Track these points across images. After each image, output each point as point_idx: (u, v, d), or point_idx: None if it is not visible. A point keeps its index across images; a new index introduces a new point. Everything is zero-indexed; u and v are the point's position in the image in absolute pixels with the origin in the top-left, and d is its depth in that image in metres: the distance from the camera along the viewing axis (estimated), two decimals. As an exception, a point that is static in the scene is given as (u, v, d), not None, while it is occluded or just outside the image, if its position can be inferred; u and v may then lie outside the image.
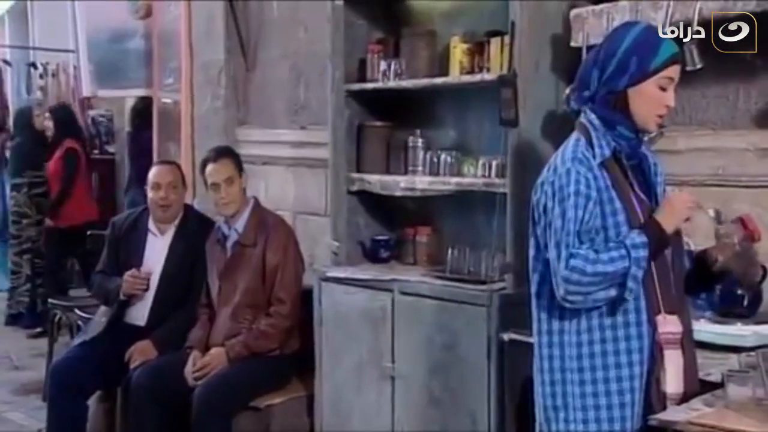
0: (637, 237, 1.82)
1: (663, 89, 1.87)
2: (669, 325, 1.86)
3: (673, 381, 1.86)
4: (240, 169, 3.42)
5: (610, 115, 1.89)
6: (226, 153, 3.48)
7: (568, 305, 1.85)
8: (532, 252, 1.96)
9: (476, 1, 3.13)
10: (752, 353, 1.83)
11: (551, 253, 1.85)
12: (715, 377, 1.98)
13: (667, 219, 1.85)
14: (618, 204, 1.86)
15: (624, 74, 1.87)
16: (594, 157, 1.88)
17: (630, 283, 1.80)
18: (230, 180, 3.35)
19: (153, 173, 3.63)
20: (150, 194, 3.58)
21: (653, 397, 1.85)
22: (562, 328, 1.91)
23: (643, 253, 1.80)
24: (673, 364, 1.86)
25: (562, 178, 1.86)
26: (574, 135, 1.94)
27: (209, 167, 3.39)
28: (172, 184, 3.57)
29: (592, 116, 1.91)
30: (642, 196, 1.91)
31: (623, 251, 1.80)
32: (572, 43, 2.65)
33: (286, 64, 4.17)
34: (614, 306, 1.85)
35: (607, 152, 1.89)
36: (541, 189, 1.91)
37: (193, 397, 3.13)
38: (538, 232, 1.92)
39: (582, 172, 1.85)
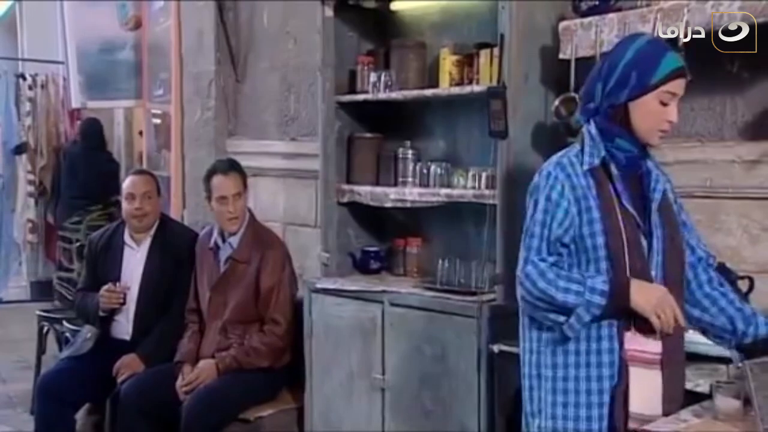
0: (600, 284, 1.79)
1: (664, 104, 1.85)
2: (637, 342, 1.83)
3: (637, 400, 1.82)
4: (245, 185, 3.39)
5: (609, 128, 1.88)
6: (236, 167, 3.41)
7: (522, 304, 1.89)
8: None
9: (466, 13, 3.15)
10: (740, 364, 1.84)
11: (521, 251, 1.89)
12: (703, 388, 1.98)
13: (640, 298, 1.79)
14: (596, 214, 1.85)
15: (624, 88, 1.85)
16: (582, 164, 1.88)
17: (572, 321, 1.79)
18: (238, 195, 3.32)
19: (127, 184, 3.62)
20: (124, 205, 3.57)
21: (616, 414, 1.82)
22: (541, 336, 1.92)
23: (598, 300, 1.78)
24: (640, 382, 1.82)
25: (541, 180, 1.89)
26: (575, 144, 1.96)
27: (218, 179, 3.33)
28: (147, 195, 3.56)
29: (591, 126, 1.91)
30: (629, 209, 1.87)
31: (580, 288, 1.79)
32: (561, 56, 2.67)
33: (276, 75, 4.18)
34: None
35: (596, 161, 1.88)
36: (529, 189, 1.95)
37: (182, 409, 3.11)
38: None
39: (560, 177, 1.86)
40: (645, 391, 1.83)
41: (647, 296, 1.80)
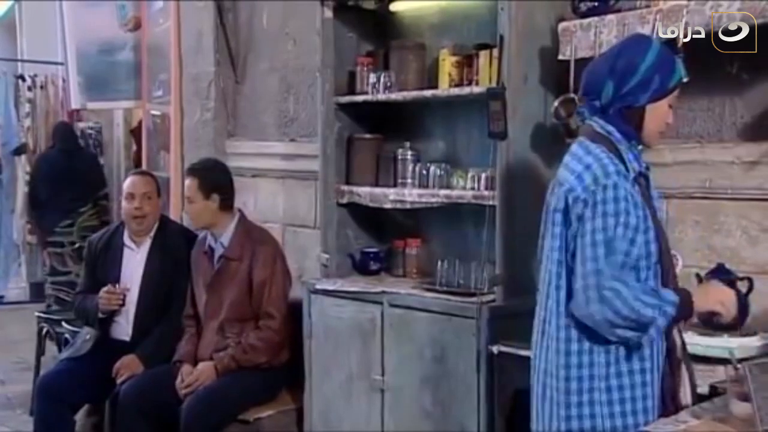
0: (670, 294, 1.82)
1: (671, 107, 1.92)
2: (681, 340, 1.92)
3: (688, 394, 1.91)
4: (207, 188, 3.34)
5: (627, 130, 1.89)
6: (192, 171, 3.43)
7: (587, 320, 1.83)
8: (554, 267, 1.90)
9: (465, 14, 3.15)
10: (739, 365, 1.84)
11: (586, 265, 1.80)
12: (702, 389, 1.99)
13: (701, 301, 1.88)
14: (650, 222, 1.85)
15: (646, 91, 1.87)
16: (628, 171, 1.86)
17: (652, 331, 1.80)
18: (190, 198, 3.36)
19: (127, 184, 3.62)
20: (124, 205, 3.57)
21: (669, 411, 1.87)
22: (591, 348, 1.88)
23: (671, 311, 1.80)
24: (686, 378, 1.91)
25: (608, 191, 1.80)
26: (593, 145, 1.88)
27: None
28: (147, 195, 3.56)
29: (611, 128, 1.89)
30: (655, 208, 1.94)
31: (656, 300, 1.80)
32: (560, 56, 2.67)
33: (275, 76, 4.18)
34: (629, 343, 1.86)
35: (637, 167, 1.89)
36: (571, 196, 1.84)
37: (181, 410, 3.11)
38: (569, 240, 1.86)
39: (627, 188, 1.82)
40: (687, 385, 1.92)
41: (707, 295, 1.91)
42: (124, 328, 3.53)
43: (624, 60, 1.88)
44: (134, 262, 3.56)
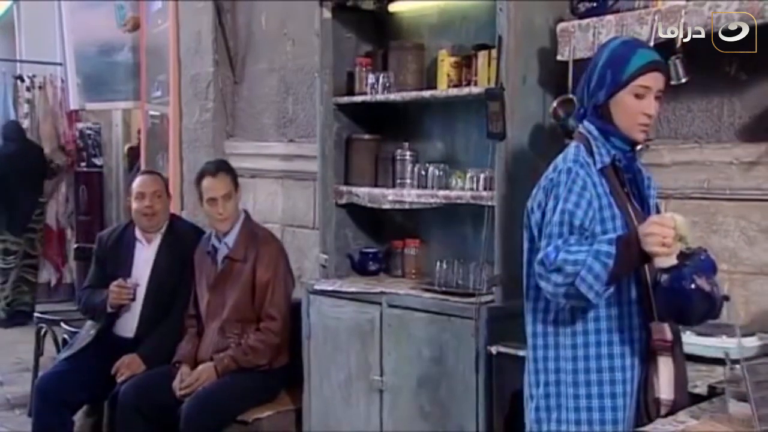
0: (610, 236, 1.81)
1: (639, 97, 1.91)
2: (661, 332, 1.88)
3: (665, 387, 1.89)
4: (236, 184, 3.41)
5: (604, 127, 1.94)
6: (224, 168, 3.46)
7: (548, 295, 1.86)
8: (527, 255, 1.98)
9: (464, 14, 3.16)
10: (736, 365, 1.84)
11: (542, 244, 1.87)
12: (701, 389, 1.99)
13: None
14: (616, 210, 1.90)
15: (602, 87, 1.93)
16: (594, 163, 1.92)
17: (584, 272, 1.74)
18: (228, 196, 3.35)
19: (137, 183, 3.64)
20: (134, 204, 3.59)
21: (649, 402, 1.88)
22: (557, 330, 1.94)
23: (606, 248, 1.74)
24: (666, 370, 1.89)
25: (562, 175, 1.89)
26: (574, 143, 1.98)
27: (207, 181, 3.37)
28: (157, 194, 3.58)
29: (591, 126, 1.96)
30: (637, 206, 1.95)
31: (591, 246, 1.78)
32: (559, 57, 2.67)
33: (274, 77, 4.18)
34: (585, 309, 1.87)
35: (607, 159, 1.93)
36: (538, 187, 1.95)
37: (180, 411, 3.11)
38: (535, 232, 1.94)
39: (581, 174, 1.89)
40: (664, 377, 1.89)
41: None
42: (129, 324, 3.53)
43: (590, 63, 1.99)
44: (144, 258, 3.58)
